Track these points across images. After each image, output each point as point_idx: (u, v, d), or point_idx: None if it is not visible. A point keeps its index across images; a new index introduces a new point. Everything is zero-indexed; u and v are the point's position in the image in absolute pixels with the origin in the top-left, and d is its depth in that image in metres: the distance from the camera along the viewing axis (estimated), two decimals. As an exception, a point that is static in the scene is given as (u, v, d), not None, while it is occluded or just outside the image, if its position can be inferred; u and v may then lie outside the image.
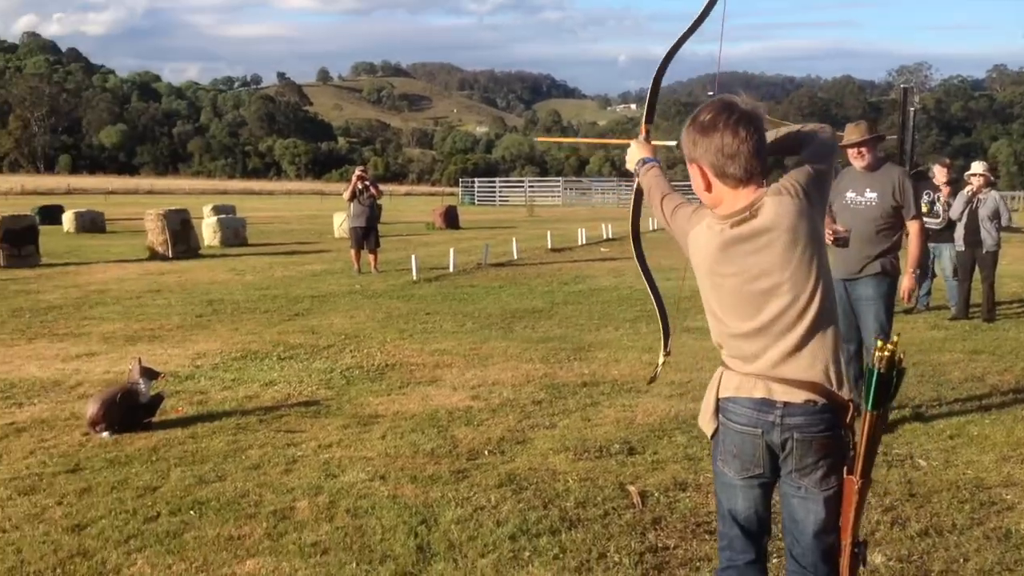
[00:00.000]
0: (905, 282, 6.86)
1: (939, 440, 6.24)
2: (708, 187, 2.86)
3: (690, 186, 2.95)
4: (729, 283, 2.84)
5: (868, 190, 6.66)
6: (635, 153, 3.34)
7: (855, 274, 6.64)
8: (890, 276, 6.62)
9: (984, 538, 4.58)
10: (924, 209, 12.03)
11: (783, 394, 2.77)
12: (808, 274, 2.75)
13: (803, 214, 2.73)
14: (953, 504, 5.04)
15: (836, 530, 2.80)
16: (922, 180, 13.10)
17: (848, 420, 2.77)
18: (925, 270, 12.67)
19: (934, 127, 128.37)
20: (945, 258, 12.36)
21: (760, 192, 2.78)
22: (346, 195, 17.42)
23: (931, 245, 12.55)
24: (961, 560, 4.33)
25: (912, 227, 6.69)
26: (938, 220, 12.21)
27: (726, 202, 2.84)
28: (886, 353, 2.64)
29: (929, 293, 12.71)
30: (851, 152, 6.79)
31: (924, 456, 5.89)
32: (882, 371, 2.64)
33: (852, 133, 6.81)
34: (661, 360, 3.62)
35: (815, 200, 2.78)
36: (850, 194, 6.72)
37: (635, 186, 3.41)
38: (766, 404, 2.79)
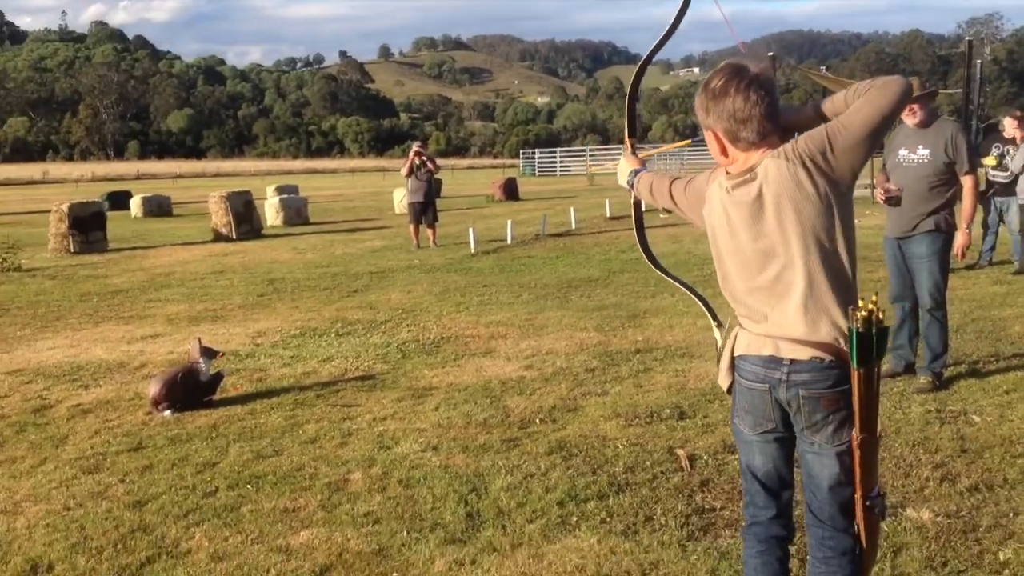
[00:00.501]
0: (960, 239, 6.72)
1: (995, 396, 6.16)
2: (724, 151, 2.87)
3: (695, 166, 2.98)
4: (735, 241, 2.88)
5: (920, 147, 6.53)
6: (625, 168, 3.48)
7: (908, 232, 6.54)
8: (944, 233, 6.50)
9: (1035, 493, 4.53)
10: (993, 162, 11.81)
11: (790, 351, 2.80)
12: (804, 237, 2.73)
13: (796, 179, 2.70)
14: (1005, 459, 4.98)
15: (852, 484, 2.81)
16: (992, 133, 12.80)
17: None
18: (989, 226, 12.43)
19: (1006, 79, 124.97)
20: (1012, 212, 12.07)
21: (764, 154, 2.78)
22: (404, 171, 17.50)
23: (998, 199, 12.28)
24: (1011, 515, 4.29)
25: (966, 183, 6.53)
26: (1006, 174, 11.93)
27: (739, 162, 2.85)
28: (863, 313, 2.62)
29: (993, 248, 12.45)
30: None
31: (978, 412, 5.82)
32: (860, 329, 2.61)
33: None
34: (718, 334, 3.62)
35: (821, 164, 2.70)
36: (903, 152, 6.60)
37: (632, 199, 3.61)
38: (773, 361, 2.83)
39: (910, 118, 6.61)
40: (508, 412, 6.31)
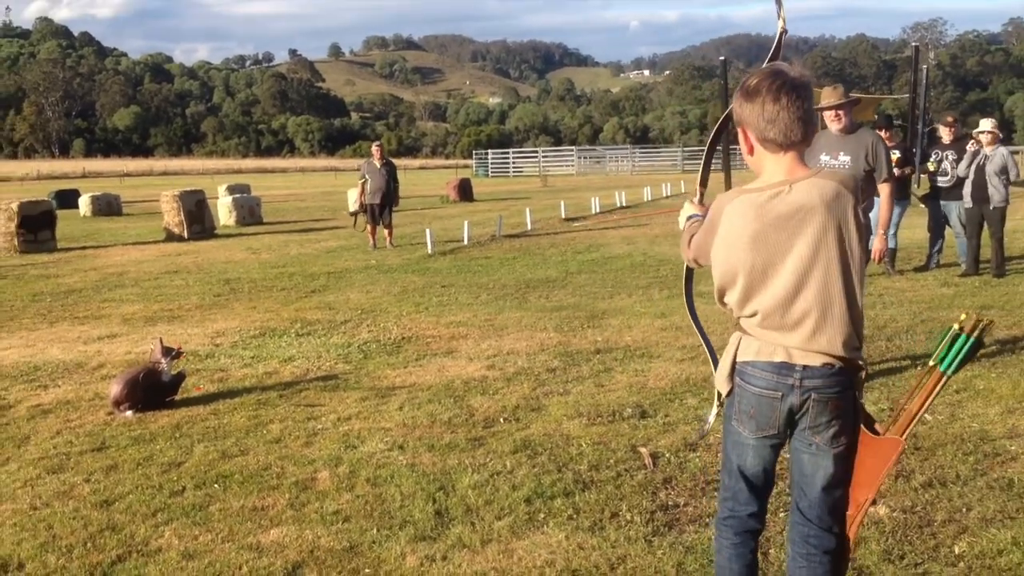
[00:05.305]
0: (876, 243, 6.92)
1: (945, 395, 6.30)
2: (751, 150, 2.93)
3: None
4: (760, 255, 2.85)
5: (842, 153, 6.81)
6: (687, 210, 3.52)
7: None
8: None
9: (987, 488, 4.69)
10: (932, 168, 12.25)
11: (802, 357, 2.83)
12: (834, 255, 2.80)
13: (846, 207, 2.80)
14: (958, 456, 5.14)
15: (843, 485, 2.90)
16: (936, 141, 13.13)
17: (859, 381, 2.89)
18: (938, 230, 12.73)
19: (949, 83, 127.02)
20: (953, 216, 12.41)
21: (805, 171, 2.85)
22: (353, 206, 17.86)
23: (941, 203, 12.62)
24: (964, 509, 4.44)
25: (883, 190, 6.86)
26: (947, 178, 12.30)
27: (767, 169, 2.90)
28: (983, 322, 2.75)
29: (940, 251, 12.74)
30: (827, 115, 6.96)
31: (930, 411, 5.94)
32: (975, 338, 2.73)
33: (829, 96, 6.99)
34: (714, 411, 3.65)
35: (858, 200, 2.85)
36: (824, 157, 6.80)
37: (684, 271, 3.91)
38: (786, 368, 2.85)
39: (835, 124, 6.94)
40: (472, 411, 6.37)
